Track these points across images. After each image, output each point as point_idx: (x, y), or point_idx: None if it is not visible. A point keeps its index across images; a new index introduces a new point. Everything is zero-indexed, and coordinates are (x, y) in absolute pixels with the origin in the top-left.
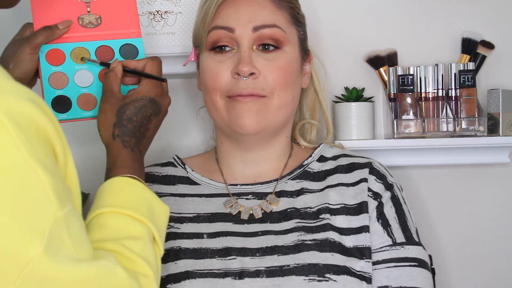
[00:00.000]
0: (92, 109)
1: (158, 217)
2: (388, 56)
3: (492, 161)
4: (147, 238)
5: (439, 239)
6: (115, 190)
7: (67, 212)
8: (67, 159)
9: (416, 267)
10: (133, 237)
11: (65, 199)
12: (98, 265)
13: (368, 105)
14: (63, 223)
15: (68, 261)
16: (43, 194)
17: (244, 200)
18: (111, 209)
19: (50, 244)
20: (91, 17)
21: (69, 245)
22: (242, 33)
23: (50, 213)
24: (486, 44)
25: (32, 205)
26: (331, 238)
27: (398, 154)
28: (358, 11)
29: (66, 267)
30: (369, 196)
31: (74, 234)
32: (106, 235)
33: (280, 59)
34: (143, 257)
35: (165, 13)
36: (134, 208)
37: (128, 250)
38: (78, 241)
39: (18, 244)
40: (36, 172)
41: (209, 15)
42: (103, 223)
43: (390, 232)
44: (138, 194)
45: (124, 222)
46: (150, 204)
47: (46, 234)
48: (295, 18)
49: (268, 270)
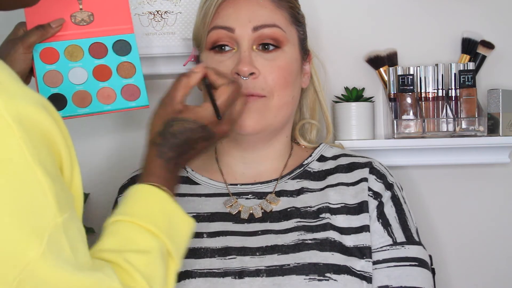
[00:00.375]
0: (87, 105)
1: (178, 230)
2: (388, 56)
3: (492, 161)
4: (157, 253)
5: (439, 239)
6: (137, 198)
7: (66, 218)
8: (73, 167)
9: (416, 266)
10: (140, 250)
11: (65, 205)
12: (94, 276)
13: (368, 105)
14: (62, 229)
15: (66, 266)
16: (43, 197)
17: (244, 199)
18: (128, 218)
19: (49, 248)
20: (83, 15)
21: (68, 251)
22: (242, 33)
23: (49, 216)
24: (486, 44)
25: (31, 208)
26: (331, 238)
27: (398, 154)
28: (358, 11)
29: (64, 272)
30: (370, 195)
31: (72, 242)
32: (113, 245)
33: (280, 59)
34: (143, 272)
35: (165, 13)
36: (151, 220)
37: (128, 264)
38: (76, 250)
39: (17, 246)
40: (37, 175)
41: (209, 15)
42: (116, 231)
43: (390, 232)
44: (159, 206)
45: (135, 234)
46: (171, 217)
47: (45, 237)
48: (295, 18)
49: (268, 269)
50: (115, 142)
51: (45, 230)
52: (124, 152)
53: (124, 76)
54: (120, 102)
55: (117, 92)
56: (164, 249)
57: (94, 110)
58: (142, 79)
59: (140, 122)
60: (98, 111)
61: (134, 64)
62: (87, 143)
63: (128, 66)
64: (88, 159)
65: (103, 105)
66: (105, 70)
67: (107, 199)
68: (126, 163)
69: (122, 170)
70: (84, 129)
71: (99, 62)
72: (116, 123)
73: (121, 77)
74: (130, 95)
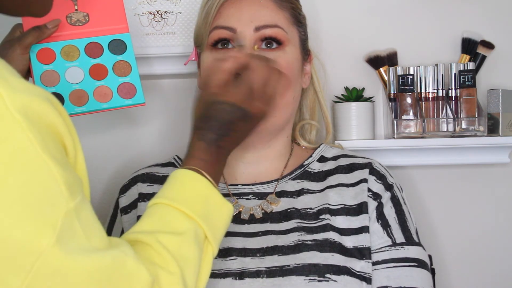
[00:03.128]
0: (84, 104)
1: (215, 215)
2: (388, 56)
3: (492, 161)
4: (191, 235)
5: (438, 239)
6: (176, 182)
7: (78, 202)
8: (77, 151)
9: (415, 267)
10: (174, 232)
11: (75, 190)
12: (109, 256)
13: (368, 105)
14: (74, 213)
15: (80, 252)
16: (55, 187)
17: (245, 200)
18: (165, 200)
19: (62, 235)
20: (79, 15)
21: (81, 235)
22: (243, 33)
23: (61, 204)
24: (486, 44)
25: (44, 198)
26: (331, 239)
27: (398, 154)
28: (358, 11)
29: (78, 257)
30: (369, 196)
31: (85, 224)
32: (148, 226)
33: (281, 60)
34: (174, 253)
35: (165, 13)
36: (187, 204)
37: (159, 244)
38: (90, 231)
39: (31, 236)
40: (48, 166)
41: (210, 15)
42: (153, 213)
43: (389, 233)
44: (197, 190)
45: (172, 217)
46: (208, 201)
47: (58, 226)
48: (296, 18)
49: (268, 270)
50: (111, 140)
51: (58, 218)
52: (122, 150)
53: (120, 74)
54: (116, 100)
55: (113, 90)
56: (199, 232)
57: (91, 108)
58: (138, 77)
59: (138, 120)
60: (95, 109)
61: (130, 63)
62: (84, 139)
63: (124, 64)
64: (87, 157)
65: (100, 104)
66: (101, 69)
67: (107, 198)
68: (124, 160)
69: (121, 168)
70: (80, 124)
71: (95, 62)
72: (113, 121)
73: (117, 75)
74: (126, 93)
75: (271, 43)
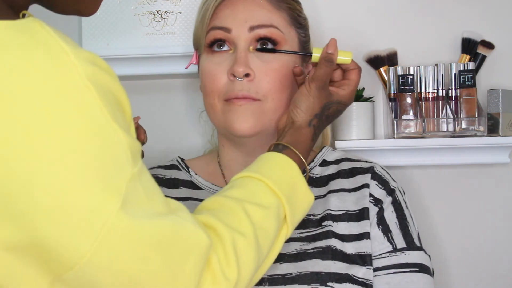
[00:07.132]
0: None
1: (298, 200)
2: (388, 56)
3: (492, 161)
4: (274, 212)
5: (438, 239)
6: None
7: (140, 167)
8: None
9: (417, 272)
10: (260, 204)
11: (137, 156)
12: (170, 221)
13: (368, 105)
14: (138, 178)
15: (144, 216)
16: (123, 153)
17: None
18: (256, 175)
19: (127, 200)
20: None
21: (144, 200)
22: (238, 33)
23: (127, 170)
24: (486, 44)
25: (113, 164)
26: (333, 246)
27: (398, 154)
28: (358, 11)
29: (141, 222)
30: (370, 201)
31: (147, 189)
32: (237, 194)
33: (276, 62)
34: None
35: (165, 13)
36: (277, 182)
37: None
38: (151, 195)
39: (99, 201)
40: (117, 133)
41: (207, 16)
42: (243, 184)
43: (390, 238)
44: (287, 173)
45: (259, 190)
46: (295, 186)
47: (123, 191)
48: (295, 19)
49: (270, 278)
50: None
51: (123, 183)
52: None
53: None
54: None
55: None
56: (281, 211)
57: None
58: None
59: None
60: None
61: None
62: None
63: None
64: None
65: None
66: None
67: None
68: None
69: None
70: None
71: None
72: None
73: None
74: None
75: (266, 44)
